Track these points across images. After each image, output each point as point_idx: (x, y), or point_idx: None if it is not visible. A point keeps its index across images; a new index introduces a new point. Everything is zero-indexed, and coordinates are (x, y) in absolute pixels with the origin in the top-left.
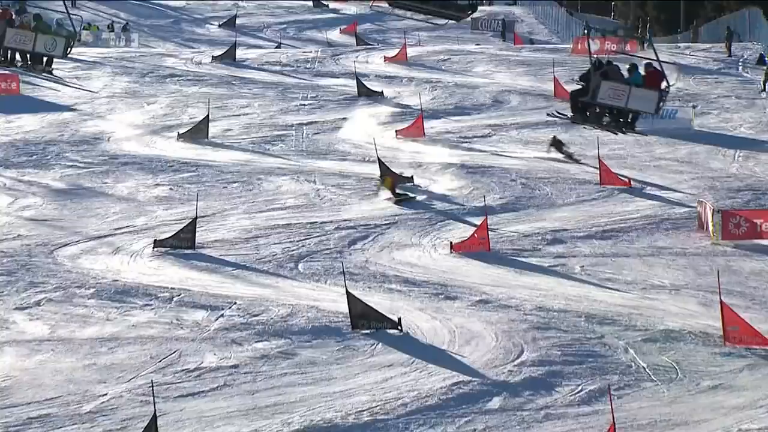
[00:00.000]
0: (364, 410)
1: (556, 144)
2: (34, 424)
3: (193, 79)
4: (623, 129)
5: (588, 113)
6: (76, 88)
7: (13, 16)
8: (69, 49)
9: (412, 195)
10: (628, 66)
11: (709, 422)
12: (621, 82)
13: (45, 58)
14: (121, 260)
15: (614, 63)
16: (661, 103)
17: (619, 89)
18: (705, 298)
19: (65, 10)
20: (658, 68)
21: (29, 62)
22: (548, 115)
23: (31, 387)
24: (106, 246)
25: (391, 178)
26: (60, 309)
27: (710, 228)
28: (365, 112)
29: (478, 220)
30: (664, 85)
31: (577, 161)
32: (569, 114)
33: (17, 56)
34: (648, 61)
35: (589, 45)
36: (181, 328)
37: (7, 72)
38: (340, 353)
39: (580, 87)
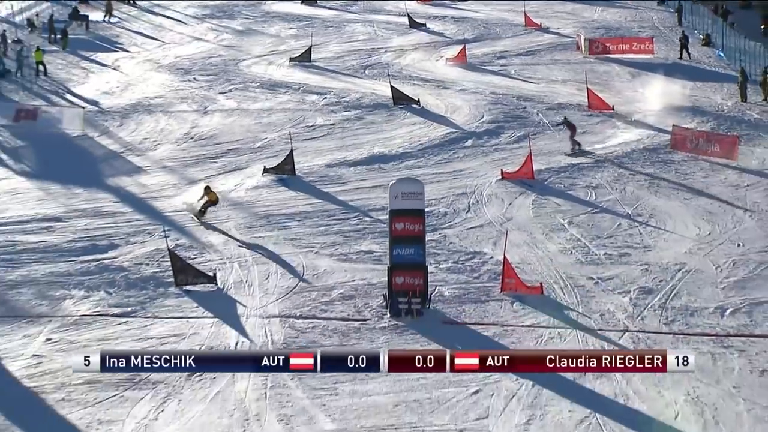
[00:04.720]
0: (400, 147)
1: (569, 126)
2: (230, 153)
3: None
4: None
5: None
6: None
7: None
8: None
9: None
10: None
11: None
12: None
13: None
14: (273, 68)
15: None
16: None
17: None
18: (579, 86)
19: None
20: None
21: None
22: None
23: (227, 134)
24: (264, 61)
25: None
26: (242, 93)
27: (582, 48)
28: None
29: (460, 46)
30: None
31: (583, 152)
32: None
33: None
34: None
35: None
36: (304, 104)
37: None
38: (387, 117)
39: None
